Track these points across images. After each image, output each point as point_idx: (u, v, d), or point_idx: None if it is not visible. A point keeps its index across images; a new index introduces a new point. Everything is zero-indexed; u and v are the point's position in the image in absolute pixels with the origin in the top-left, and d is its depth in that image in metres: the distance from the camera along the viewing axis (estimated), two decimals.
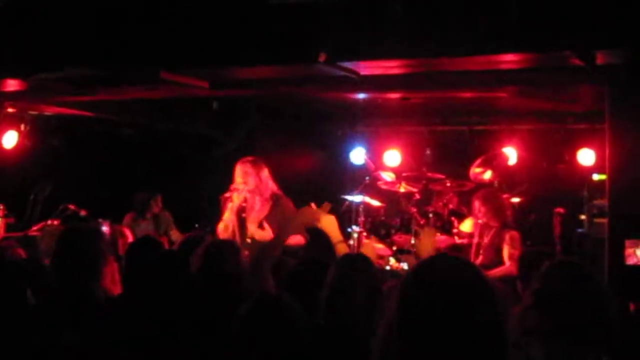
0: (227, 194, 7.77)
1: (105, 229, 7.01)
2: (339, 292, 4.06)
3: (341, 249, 5.42)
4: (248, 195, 7.79)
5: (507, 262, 8.03)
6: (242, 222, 7.77)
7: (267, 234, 7.61)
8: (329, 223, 5.59)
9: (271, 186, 7.85)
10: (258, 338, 3.43)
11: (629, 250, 3.81)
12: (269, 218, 7.75)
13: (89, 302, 4.44)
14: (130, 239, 8.20)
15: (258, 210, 7.84)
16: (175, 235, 9.91)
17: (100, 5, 7.12)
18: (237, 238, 7.65)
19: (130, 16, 7.05)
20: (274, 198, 7.82)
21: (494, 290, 2.28)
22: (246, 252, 6.97)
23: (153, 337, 4.14)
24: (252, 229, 7.78)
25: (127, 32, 7.09)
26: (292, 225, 7.02)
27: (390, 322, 2.29)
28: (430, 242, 5.62)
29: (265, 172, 7.83)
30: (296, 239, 6.74)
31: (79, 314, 4.29)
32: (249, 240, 7.69)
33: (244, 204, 7.77)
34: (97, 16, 7.13)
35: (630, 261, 3.82)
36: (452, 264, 2.35)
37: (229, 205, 7.76)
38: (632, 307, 4.76)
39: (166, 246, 8.68)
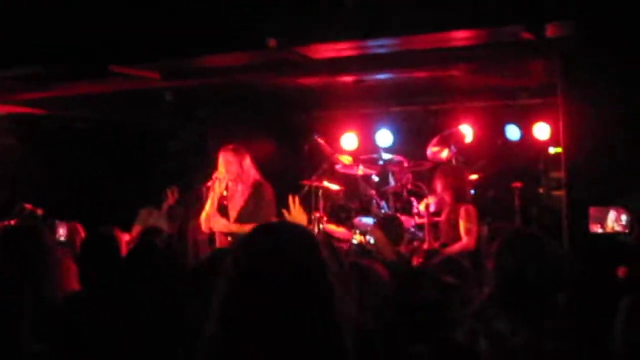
0: (208, 183, 7.74)
1: (61, 229, 6.93)
2: None
3: None
4: (230, 183, 7.77)
5: (464, 237, 8.03)
6: (223, 211, 7.75)
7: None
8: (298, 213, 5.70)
9: (253, 174, 7.85)
10: None
11: (594, 218, 3.80)
12: (247, 203, 7.77)
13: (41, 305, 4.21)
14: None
15: (238, 197, 7.82)
16: None
17: (47, 1, 7.04)
18: None
19: (77, 11, 6.97)
20: (255, 185, 7.81)
21: (324, 262, 2.25)
22: (229, 239, 7.11)
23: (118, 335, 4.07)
24: (233, 216, 7.77)
25: (75, 26, 7.01)
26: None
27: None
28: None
29: (247, 160, 7.82)
30: None
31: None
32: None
33: (225, 193, 7.74)
34: (44, 12, 7.04)
35: (595, 229, 3.81)
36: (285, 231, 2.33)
37: (211, 194, 7.74)
38: (621, 272, 4.75)
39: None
